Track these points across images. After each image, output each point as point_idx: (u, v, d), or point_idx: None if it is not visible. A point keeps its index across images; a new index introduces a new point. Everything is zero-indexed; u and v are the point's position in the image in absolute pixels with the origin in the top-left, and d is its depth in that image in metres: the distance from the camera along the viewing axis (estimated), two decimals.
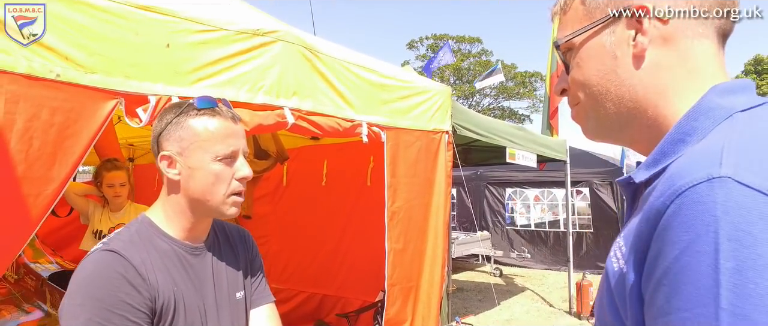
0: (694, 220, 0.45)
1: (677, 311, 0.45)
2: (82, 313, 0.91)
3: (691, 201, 0.46)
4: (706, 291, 0.43)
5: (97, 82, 1.72)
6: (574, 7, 0.69)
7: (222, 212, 1.08)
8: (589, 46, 0.66)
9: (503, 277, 8.44)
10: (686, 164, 0.50)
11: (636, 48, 0.62)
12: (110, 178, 3.04)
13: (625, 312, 0.54)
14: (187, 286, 1.07)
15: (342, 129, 2.61)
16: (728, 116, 0.55)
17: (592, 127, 0.70)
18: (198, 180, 1.05)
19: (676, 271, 0.45)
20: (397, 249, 3.05)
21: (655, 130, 0.62)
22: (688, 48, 0.61)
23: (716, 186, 0.45)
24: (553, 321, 5.86)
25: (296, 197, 4.74)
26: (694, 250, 0.44)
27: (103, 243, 1.02)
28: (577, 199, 8.84)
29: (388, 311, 3.03)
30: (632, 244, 0.53)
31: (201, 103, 1.06)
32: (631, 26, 0.63)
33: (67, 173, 1.71)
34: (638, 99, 0.63)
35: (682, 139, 0.57)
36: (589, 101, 0.68)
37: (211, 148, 1.04)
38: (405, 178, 3.11)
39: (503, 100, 34.31)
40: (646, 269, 0.50)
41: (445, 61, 10.14)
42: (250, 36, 2.17)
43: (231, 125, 1.07)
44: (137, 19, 1.80)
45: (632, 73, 0.63)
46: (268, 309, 1.26)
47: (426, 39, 33.61)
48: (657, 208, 0.49)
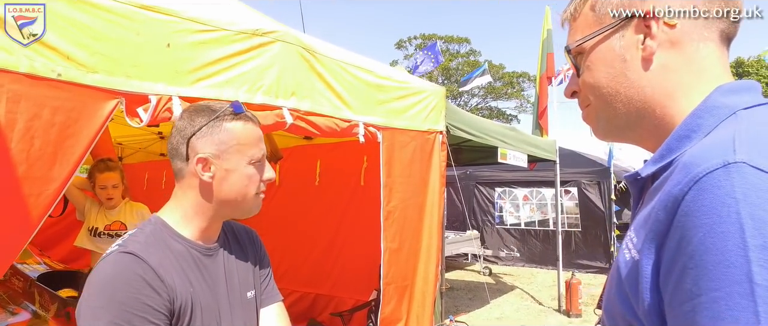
0: (715, 203, 0.47)
1: (708, 291, 0.46)
2: (104, 315, 0.91)
3: (709, 185, 0.48)
4: (738, 269, 0.44)
5: (98, 81, 1.72)
6: (584, 13, 0.72)
7: (252, 211, 1.14)
8: (599, 50, 0.69)
9: (493, 276, 8.51)
10: (700, 152, 0.52)
11: (645, 51, 0.65)
12: (103, 180, 3.02)
13: (637, 301, 0.56)
14: (202, 287, 1.08)
15: (339, 129, 2.63)
16: (731, 114, 0.58)
17: (603, 128, 0.73)
18: (232, 183, 1.09)
19: (702, 253, 0.47)
20: (392, 248, 3.07)
21: (662, 128, 0.65)
22: (694, 51, 0.64)
23: (733, 170, 0.47)
24: (542, 319, 5.93)
25: (289, 196, 4.74)
26: (719, 232, 0.46)
27: (118, 245, 1.02)
28: (566, 199, 8.95)
29: (384, 310, 3.05)
30: (648, 233, 0.54)
31: (237, 108, 1.10)
32: (639, 30, 0.66)
33: (68, 173, 1.70)
34: (647, 100, 0.66)
35: (687, 135, 0.60)
36: (599, 103, 0.71)
37: (247, 152, 1.09)
38: (400, 178, 3.14)
39: (491, 100, 34.52)
40: (665, 256, 0.51)
41: (423, 69, 10.02)
42: (249, 36, 2.18)
43: (259, 130, 1.14)
44: (139, 19, 1.80)
45: (641, 75, 0.66)
46: (278, 308, 1.28)
47: (414, 39, 33.69)
48: (675, 196, 0.51)
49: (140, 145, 5.28)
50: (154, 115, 1.85)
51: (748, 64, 28.76)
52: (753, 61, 28.68)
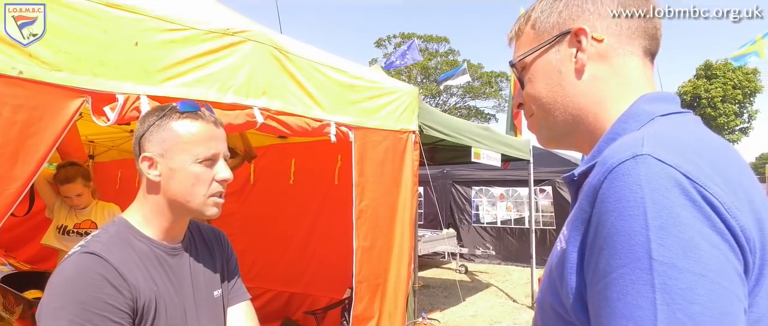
0: (624, 189, 0.53)
1: (616, 269, 0.52)
2: (64, 315, 0.91)
3: (620, 174, 0.54)
4: (640, 247, 0.50)
5: (62, 80, 1.70)
6: (526, 32, 0.80)
7: (202, 212, 1.11)
8: (539, 64, 0.77)
9: (469, 274, 8.61)
10: (616, 147, 0.59)
11: (577, 63, 0.73)
12: (65, 191, 2.94)
13: (563, 286, 0.61)
14: (166, 286, 1.09)
15: (310, 128, 2.64)
16: (651, 119, 0.65)
17: (545, 135, 0.80)
18: (178, 182, 1.07)
19: (613, 235, 0.53)
20: (364, 246, 3.10)
21: (595, 134, 0.72)
22: (621, 64, 0.72)
23: (640, 161, 0.54)
24: (515, 316, 6.03)
25: (263, 195, 4.72)
26: (626, 214, 0.52)
27: (81, 245, 1.02)
28: (541, 197, 9.10)
29: (356, 307, 3.08)
30: (574, 222, 0.60)
31: (184, 106, 1.09)
32: (572, 45, 0.73)
33: (31, 172, 1.68)
34: (581, 108, 0.73)
35: (613, 138, 0.66)
36: (540, 112, 0.78)
37: (192, 150, 1.06)
38: (372, 177, 3.17)
39: (470, 99, 34.80)
40: (588, 240, 0.57)
41: (411, 59, 10.18)
42: (219, 35, 2.18)
43: (213, 129, 1.10)
44: (105, 17, 1.79)
45: (575, 84, 0.73)
46: (245, 307, 1.30)
47: (393, 37, 33.74)
48: (593, 185, 0.57)
49: (113, 142, 5.19)
50: (121, 113, 1.84)
51: (716, 66, 29.59)
52: (720, 64, 29.53)
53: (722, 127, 29.87)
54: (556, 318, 0.64)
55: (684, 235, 0.49)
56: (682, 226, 0.50)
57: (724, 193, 0.52)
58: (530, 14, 0.79)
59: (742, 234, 0.51)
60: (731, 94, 28.77)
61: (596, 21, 0.72)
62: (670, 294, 0.48)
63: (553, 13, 0.75)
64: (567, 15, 0.74)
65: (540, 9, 0.78)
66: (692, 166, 0.52)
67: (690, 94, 30.18)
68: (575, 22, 0.73)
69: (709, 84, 29.30)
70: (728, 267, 0.50)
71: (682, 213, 0.50)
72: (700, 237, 0.49)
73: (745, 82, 28.57)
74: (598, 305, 0.54)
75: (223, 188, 1.13)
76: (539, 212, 9.06)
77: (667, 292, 0.48)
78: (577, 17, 0.73)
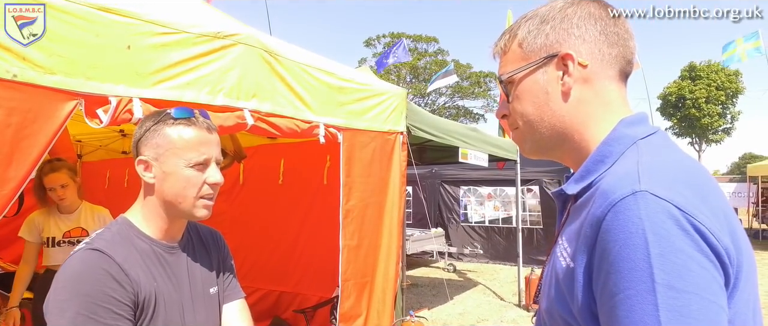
0: (627, 222, 0.62)
1: (623, 291, 0.60)
2: (70, 308, 0.97)
3: (622, 209, 0.63)
4: (643, 272, 0.59)
5: (56, 82, 1.73)
6: (512, 49, 0.86)
7: (192, 214, 1.16)
8: (526, 83, 0.83)
9: (457, 273, 8.70)
10: (614, 182, 0.67)
11: (564, 86, 0.80)
12: (49, 181, 2.85)
13: (573, 301, 0.69)
14: (165, 282, 1.15)
15: (300, 130, 2.69)
16: (633, 143, 0.74)
17: (530, 148, 0.88)
18: (171, 184, 1.13)
19: (619, 262, 0.61)
20: (351, 245, 3.15)
21: (580, 150, 0.81)
22: (602, 87, 0.80)
23: (639, 197, 0.62)
24: (502, 314, 6.12)
25: (253, 195, 4.76)
26: (630, 244, 0.61)
27: (86, 242, 1.08)
28: (528, 197, 9.22)
29: (343, 305, 3.13)
30: (579, 245, 0.68)
31: (178, 112, 1.14)
32: (559, 68, 0.80)
33: (25, 173, 1.71)
34: (566, 126, 0.81)
35: (601, 160, 0.76)
36: (526, 128, 0.85)
37: (184, 155, 1.12)
38: (360, 178, 3.22)
39: (458, 99, 34.96)
40: (595, 263, 0.65)
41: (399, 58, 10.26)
42: (210, 39, 2.22)
43: (205, 134, 1.15)
44: (98, 21, 1.82)
45: (561, 106, 0.80)
46: (240, 304, 1.36)
47: (383, 37, 33.80)
48: (598, 217, 0.65)
49: (101, 142, 5.18)
50: (114, 116, 1.87)
51: (700, 68, 30.04)
52: (704, 65, 30.00)
53: (706, 127, 30.36)
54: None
55: (679, 261, 0.58)
56: (678, 253, 0.59)
57: (708, 219, 0.61)
58: (517, 32, 0.85)
59: (725, 252, 0.61)
60: (715, 95, 29.25)
61: (581, 46, 0.79)
62: (670, 310, 0.57)
63: (540, 34, 0.81)
64: (554, 38, 0.80)
65: (527, 29, 0.83)
66: (682, 199, 0.61)
67: (675, 94, 30.63)
68: (562, 45, 0.80)
69: (694, 85, 29.75)
70: (714, 283, 0.60)
71: (677, 241, 0.59)
72: (692, 261, 0.59)
73: (727, 84, 29.07)
74: (609, 322, 0.62)
75: (214, 191, 1.18)
76: (526, 211, 9.17)
77: (668, 310, 0.57)
78: (564, 41, 0.80)
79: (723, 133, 31.26)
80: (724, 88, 29.17)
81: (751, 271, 0.67)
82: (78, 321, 0.97)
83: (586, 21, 0.80)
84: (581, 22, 0.80)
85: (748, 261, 0.66)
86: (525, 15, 0.86)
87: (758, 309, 0.69)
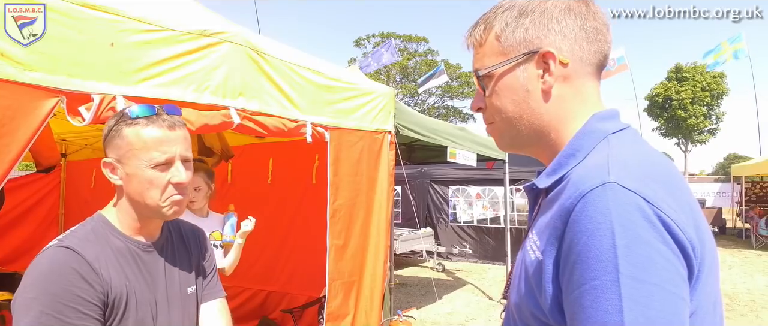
0: (595, 213, 0.62)
1: (589, 281, 0.60)
2: (35, 306, 0.95)
3: (591, 200, 0.63)
4: (609, 263, 0.59)
5: (37, 80, 1.71)
6: (489, 42, 0.82)
7: (162, 214, 1.13)
8: (506, 79, 0.80)
9: (446, 272, 8.72)
10: (585, 174, 0.67)
11: (545, 85, 0.78)
12: None
13: (541, 293, 0.69)
14: (139, 281, 1.13)
15: (287, 129, 2.68)
16: (604, 137, 0.74)
17: (506, 143, 0.86)
18: (134, 186, 1.10)
19: (586, 252, 0.61)
20: (338, 245, 3.14)
21: (555, 147, 0.79)
22: (581, 84, 0.79)
23: (608, 189, 0.62)
24: (490, 313, 6.15)
25: (241, 194, 4.71)
26: (597, 235, 0.61)
27: (58, 239, 1.06)
28: (517, 196, 9.27)
29: (330, 304, 3.12)
30: (548, 237, 0.68)
31: (135, 111, 1.09)
32: (539, 66, 0.78)
33: (3, 172, 1.68)
34: (544, 125, 0.79)
35: (572, 154, 0.74)
36: (504, 124, 0.83)
37: (144, 156, 1.08)
38: (347, 177, 3.21)
39: (448, 99, 35.06)
40: (563, 255, 0.65)
41: (388, 59, 10.27)
42: (196, 36, 2.20)
43: (166, 133, 1.10)
44: (81, 18, 1.79)
45: (541, 104, 0.79)
46: (219, 304, 1.34)
47: (373, 36, 33.79)
48: (567, 208, 0.65)
49: (86, 141, 5.11)
50: (97, 114, 1.85)
51: (686, 69, 30.43)
52: (690, 67, 30.39)
53: (692, 128, 30.77)
54: (536, 324, 0.71)
55: (644, 252, 0.59)
56: (644, 245, 0.59)
57: (675, 212, 0.61)
58: (493, 23, 0.80)
59: (690, 245, 0.61)
60: (700, 96, 29.66)
61: (561, 42, 0.77)
62: (634, 301, 0.58)
63: (518, 28, 0.78)
64: (534, 33, 0.77)
65: (504, 21, 0.79)
66: (650, 191, 0.62)
67: (662, 95, 31.01)
68: (542, 41, 0.77)
69: (680, 86, 30.14)
70: (677, 276, 0.60)
71: (643, 233, 0.59)
72: (657, 253, 0.59)
73: (712, 85, 29.50)
74: (574, 311, 0.62)
75: (181, 190, 1.13)
76: (515, 211, 9.23)
77: (631, 300, 0.58)
78: (544, 37, 0.76)
79: (708, 133, 31.71)
80: (710, 89, 29.60)
81: (713, 265, 0.67)
82: (42, 320, 0.95)
83: (566, 15, 0.77)
84: (561, 16, 0.77)
85: (711, 255, 0.67)
86: (500, 4, 0.82)
87: (719, 302, 0.70)
